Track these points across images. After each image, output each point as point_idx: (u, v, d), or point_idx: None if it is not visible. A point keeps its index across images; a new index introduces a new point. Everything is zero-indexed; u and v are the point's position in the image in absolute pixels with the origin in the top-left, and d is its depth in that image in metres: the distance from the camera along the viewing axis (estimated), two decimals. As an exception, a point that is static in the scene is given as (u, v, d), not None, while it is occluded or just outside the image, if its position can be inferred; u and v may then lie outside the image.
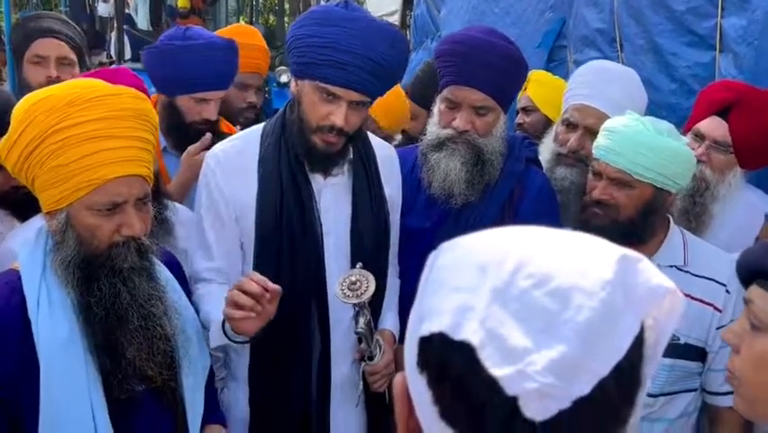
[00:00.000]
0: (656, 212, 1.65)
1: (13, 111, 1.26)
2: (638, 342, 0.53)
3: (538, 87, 2.73)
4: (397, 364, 1.68)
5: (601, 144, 1.67)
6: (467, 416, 0.53)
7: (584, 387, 0.50)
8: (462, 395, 0.52)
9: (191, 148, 2.06)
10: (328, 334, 1.66)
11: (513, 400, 0.50)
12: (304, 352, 1.65)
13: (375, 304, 1.67)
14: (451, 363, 0.53)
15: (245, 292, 1.39)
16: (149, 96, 1.98)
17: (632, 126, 1.62)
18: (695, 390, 1.71)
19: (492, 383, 0.51)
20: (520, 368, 0.50)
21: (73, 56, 2.40)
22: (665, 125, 1.64)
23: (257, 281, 1.40)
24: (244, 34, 2.60)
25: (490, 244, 0.57)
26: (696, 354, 1.66)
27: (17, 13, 8.93)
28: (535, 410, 0.50)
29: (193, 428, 1.43)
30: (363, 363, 1.67)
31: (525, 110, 2.74)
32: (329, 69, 1.50)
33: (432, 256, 0.60)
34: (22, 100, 1.27)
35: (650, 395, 1.65)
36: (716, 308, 1.65)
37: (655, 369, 0.57)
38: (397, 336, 1.78)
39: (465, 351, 0.52)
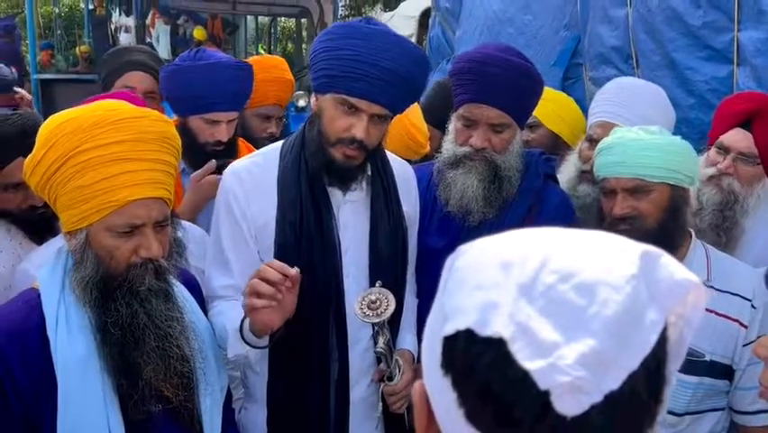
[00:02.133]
0: (681, 211, 1.63)
1: (39, 131, 1.29)
2: (662, 339, 0.53)
3: (541, 102, 2.70)
4: (417, 384, 1.65)
5: (604, 162, 1.67)
6: (496, 416, 0.51)
7: (614, 381, 0.49)
8: (491, 393, 0.51)
9: (196, 174, 2.08)
10: (346, 353, 1.64)
11: (545, 395, 0.49)
12: (322, 371, 1.63)
13: (393, 323, 1.65)
14: (478, 360, 0.52)
15: (265, 280, 1.36)
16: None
17: (626, 136, 1.63)
18: (722, 409, 1.66)
19: (524, 377, 0.49)
20: (552, 361, 0.49)
21: (157, 90, 2.45)
22: (654, 127, 1.65)
23: (277, 268, 1.37)
24: (270, 67, 2.61)
25: (510, 243, 0.57)
26: (722, 371, 1.62)
27: (41, 43, 9.18)
28: (567, 405, 0.49)
29: (210, 448, 1.42)
30: (382, 384, 1.65)
31: (530, 126, 2.69)
32: (351, 82, 1.51)
33: (450, 259, 0.59)
34: (47, 120, 1.29)
35: (675, 414, 1.61)
36: (741, 324, 1.61)
37: (679, 365, 0.56)
38: (415, 355, 1.76)
39: (494, 346, 0.51)
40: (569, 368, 0.48)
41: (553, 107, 2.61)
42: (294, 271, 1.38)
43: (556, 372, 0.49)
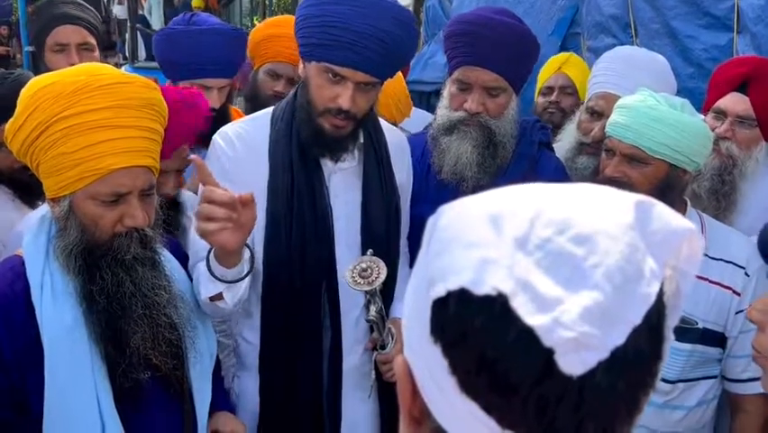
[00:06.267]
0: (672, 191, 1.60)
1: (20, 94, 1.25)
2: (660, 293, 0.49)
3: (576, 70, 2.60)
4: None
5: (614, 121, 1.63)
6: (492, 382, 0.47)
7: (619, 337, 0.46)
8: (487, 357, 0.47)
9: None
10: (339, 322, 1.63)
11: (548, 354, 0.45)
12: (315, 340, 1.62)
13: (386, 293, 1.63)
14: (473, 321, 0.47)
15: (213, 202, 1.29)
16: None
17: (645, 102, 1.58)
18: (714, 377, 1.67)
19: (527, 336, 0.46)
20: (555, 316, 0.45)
21: (92, 40, 2.41)
22: (679, 101, 1.60)
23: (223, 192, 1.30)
24: (278, 24, 2.55)
25: (496, 199, 0.52)
26: (715, 339, 1.61)
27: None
28: (573, 364, 0.45)
29: (200, 415, 1.42)
30: (375, 353, 1.64)
31: (565, 91, 2.59)
32: (334, 50, 1.47)
33: (431, 220, 0.55)
34: (29, 84, 1.26)
35: (668, 381, 1.61)
36: (734, 292, 1.61)
37: (677, 320, 0.53)
38: (408, 324, 1.75)
39: (492, 304, 0.47)
40: (573, 323, 0.45)
41: (584, 77, 2.54)
42: (244, 195, 1.30)
43: (560, 327, 0.45)
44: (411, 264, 1.85)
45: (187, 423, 1.39)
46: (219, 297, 1.43)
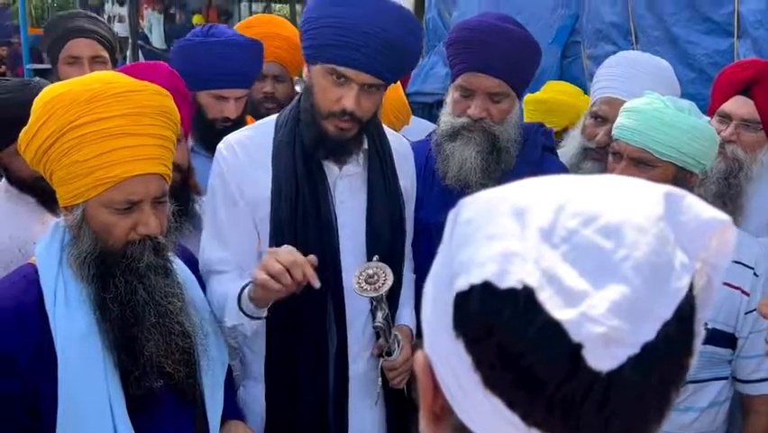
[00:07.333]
0: None
1: (34, 103, 1.26)
2: (690, 286, 0.48)
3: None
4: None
5: (621, 125, 1.64)
6: (518, 378, 0.46)
7: (650, 332, 0.45)
8: (513, 353, 0.46)
9: None
10: (345, 329, 1.63)
11: (576, 349, 0.44)
12: (320, 347, 1.62)
13: (391, 299, 1.63)
14: (498, 315, 0.46)
15: (289, 271, 1.38)
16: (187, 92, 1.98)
17: (652, 105, 1.59)
18: (725, 378, 1.67)
19: (554, 330, 0.45)
20: (583, 310, 0.44)
21: (105, 54, 2.45)
22: (686, 104, 1.61)
23: (307, 275, 1.39)
24: (255, 24, 2.59)
25: (519, 191, 0.51)
26: (725, 339, 1.62)
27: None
28: (602, 359, 0.44)
29: (212, 424, 1.42)
30: (382, 359, 1.64)
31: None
32: (340, 50, 1.48)
33: (452, 213, 0.54)
34: (42, 92, 1.27)
35: (678, 383, 1.61)
36: (743, 292, 1.61)
37: (707, 314, 0.52)
38: (414, 331, 1.75)
39: (517, 297, 0.46)
40: (602, 317, 0.44)
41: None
42: (317, 283, 1.40)
43: (589, 322, 0.44)
44: (419, 270, 1.85)
45: (198, 431, 1.39)
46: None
